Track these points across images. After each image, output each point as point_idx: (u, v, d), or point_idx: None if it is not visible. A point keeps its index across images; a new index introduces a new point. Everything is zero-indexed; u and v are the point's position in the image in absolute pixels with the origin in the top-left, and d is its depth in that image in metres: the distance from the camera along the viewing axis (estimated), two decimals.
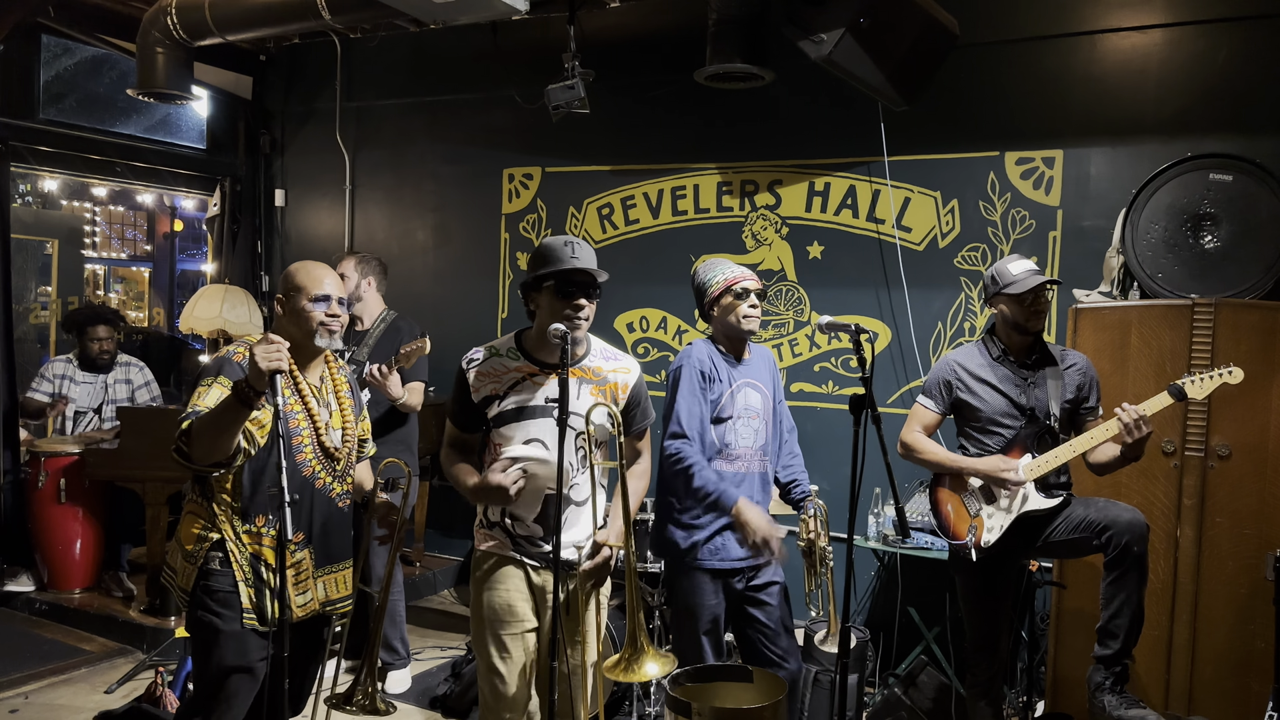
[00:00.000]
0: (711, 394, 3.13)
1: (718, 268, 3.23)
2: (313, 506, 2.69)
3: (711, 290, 3.19)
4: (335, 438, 2.74)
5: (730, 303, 3.15)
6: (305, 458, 2.66)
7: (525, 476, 2.59)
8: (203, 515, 2.65)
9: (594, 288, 2.62)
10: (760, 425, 3.21)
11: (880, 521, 4.33)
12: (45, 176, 7.69)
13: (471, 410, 2.70)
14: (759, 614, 3.19)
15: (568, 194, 5.57)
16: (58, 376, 5.47)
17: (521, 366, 2.70)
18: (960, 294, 4.64)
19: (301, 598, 2.69)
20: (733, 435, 3.15)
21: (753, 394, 3.20)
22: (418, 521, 5.69)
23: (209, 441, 2.43)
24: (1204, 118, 4.16)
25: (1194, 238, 3.81)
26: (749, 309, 3.15)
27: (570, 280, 2.57)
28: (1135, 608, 2.99)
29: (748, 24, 4.28)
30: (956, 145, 4.61)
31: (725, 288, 3.15)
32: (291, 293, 2.70)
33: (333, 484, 2.74)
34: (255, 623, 2.60)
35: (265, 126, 6.53)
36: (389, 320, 4.40)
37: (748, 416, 3.18)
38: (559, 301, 2.58)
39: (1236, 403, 3.55)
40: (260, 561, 2.62)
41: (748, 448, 3.18)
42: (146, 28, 5.03)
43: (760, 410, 3.22)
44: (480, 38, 5.48)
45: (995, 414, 3.21)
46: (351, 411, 2.84)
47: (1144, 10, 4.27)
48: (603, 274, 2.63)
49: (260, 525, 2.63)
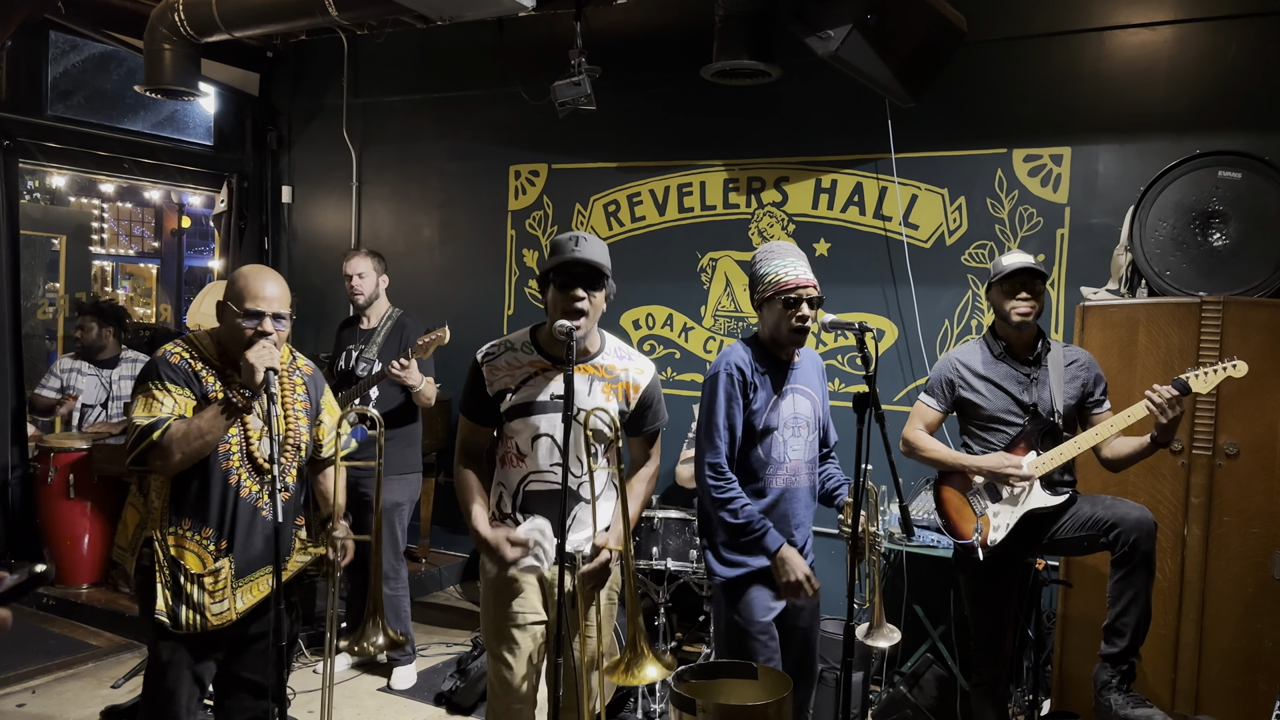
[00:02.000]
0: (754, 403, 2.90)
1: (775, 261, 2.90)
2: (235, 516, 2.66)
3: (763, 288, 2.92)
4: (265, 447, 2.66)
5: (781, 310, 2.88)
6: (231, 465, 2.64)
7: (528, 554, 2.63)
8: (140, 510, 2.69)
9: (596, 280, 2.59)
10: (811, 436, 3.00)
11: (886, 519, 4.32)
12: (53, 173, 7.71)
13: (486, 403, 2.69)
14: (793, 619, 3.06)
15: (574, 190, 5.56)
16: (65, 370, 5.49)
17: (535, 361, 2.69)
18: (967, 291, 4.62)
19: (218, 606, 2.65)
20: (780, 449, 2.92)
21: (802, 401, 2.98)
22: (423, 518, 5.70)
23: (193, 455, 2.47)
24: (1213, 115, 4.14)
25: (1202, 235, 3.79)
26: (797, 320, 2.86)
27: (568, 272, 2.57)
28: (1143, 606, 2.98)
29: (755, 20, 4.27)
30: (964, 142, 4.60)
31: (776, 290, 2.87)
32: (230, 299, 2.64)
33: (259, 493, 2.69)
34: (167, 623, 2.61)
35: (272, 123, 6.54)
36: (395, 318, 4.41)
37: (796, 426, 2.96)
38: (559, 294, 2.59)
39: (1244, 401, 3.53)
40: (179, 566, 2.61)
41: (798, 460, 2.96)
42: (154, 24, 5.04)
43: (809, 419, 3.00)
44: (487, 34, 5.48)
45: (997, 411, 3.20)
46: (302, 415, 2.79)
47: (1153, 7, 4.25)
48: (604, 264, 2.59)
49: (185, 529, 2.62)
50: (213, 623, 2.64)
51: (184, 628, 2.61)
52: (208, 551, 2.63)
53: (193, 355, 2.64)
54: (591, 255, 2.58)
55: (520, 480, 2.71)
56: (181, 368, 2.59)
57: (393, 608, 4.32)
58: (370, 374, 4.23)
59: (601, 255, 2.62)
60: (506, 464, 2.74)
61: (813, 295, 2.87)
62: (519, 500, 2.72)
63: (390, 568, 4.28)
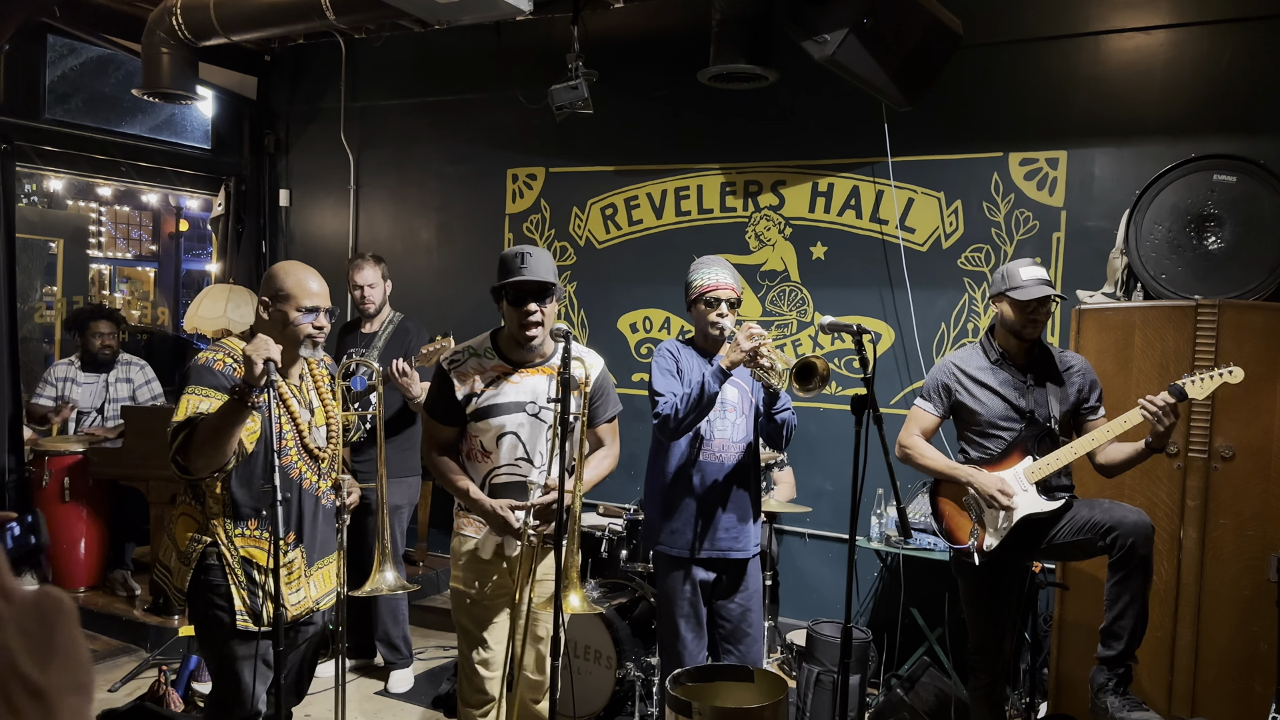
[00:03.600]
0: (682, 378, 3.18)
1: (701, 270, 3.26)
2: (301, 506, 2.74)
3: (689, 294, 3.27)
4: (319, 436, 2.79)
5: (702, 309, 3.22)
6: (291, 460, 2.71)
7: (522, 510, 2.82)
8: (196, 517, 2.69)
9: (545, 293, 2.80)
10: (738, 419, 3.24)
11: (883, 522, 4.33)
12: (50, 176, 7.71)
13: (453, 406, 2.88)
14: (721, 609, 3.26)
15: (571, 194, 5.57)
16: (60, 379, 5.48)
17: (497, 365, 2.91)
18: (964, 295, 4.63)
19: (295, 596, 2.73)
20: (706, 428, 3.19)
21: (729, 389, 3.20)
22: (420, 521, 5.70)
23: (210, 452, 2.48)
24: (1208, 119, 4.16)
25: (1198, 239, 3.81)
26: (716, 317, 3.19)
27: (519, 289, 2.79)
28: (1139, 609, 2.98)
29: (752, 24, 4.28)
30: (960, 146, 4.61)
31: (699, 294, 3.22)
32: (279, 298, 2.68)
33: (318, 482, 2.80)
34: (250, 624, 2.63)
35: (270, 126, 6.55)
36: (396, 322, 4.41)
37: (723, 410, 3.20)
38: (513, 309, 2.82)
39: (1240, 404, 3.54)
40: (252, 564, 2.67)
41: (725, 439, 3.22)
42: (152, 28, 5.04)
43: (737, 404, 3.25)
44: (484, 38, 5.48)
45: (994, 417, 3.20)
46: (335, 405, 2.89)
47: (1148, 11, 4.27)
48: (550, 279, 2.80)
49: (253, 528, 2.67)
50: (292, 613, 2.70)
51: (266, 623, 2.64)
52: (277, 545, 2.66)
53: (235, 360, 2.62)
54: (537, 274, 2.79)
55: (486, 474, 2.91)
56: (226, 373, 2.59)
57: (390, 611, 4.32)
58: (371, 378, 4.22)
59: (547, 271, 2.82)
60: (472, 459, 2.95)
61: (730, 297, 3.18)
62: (486, 491, 2.91)
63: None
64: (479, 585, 2.95)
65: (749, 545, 3.25)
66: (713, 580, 3.24)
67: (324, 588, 2.88)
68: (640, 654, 3.95)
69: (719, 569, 3.23)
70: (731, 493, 3.22)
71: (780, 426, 3.18)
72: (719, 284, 3.19)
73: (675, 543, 3.21)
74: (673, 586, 3.23)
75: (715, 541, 3.19)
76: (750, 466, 3.28)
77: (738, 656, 3.23)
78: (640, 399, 5.36)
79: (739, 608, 3.25)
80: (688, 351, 3.26)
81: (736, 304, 3.24)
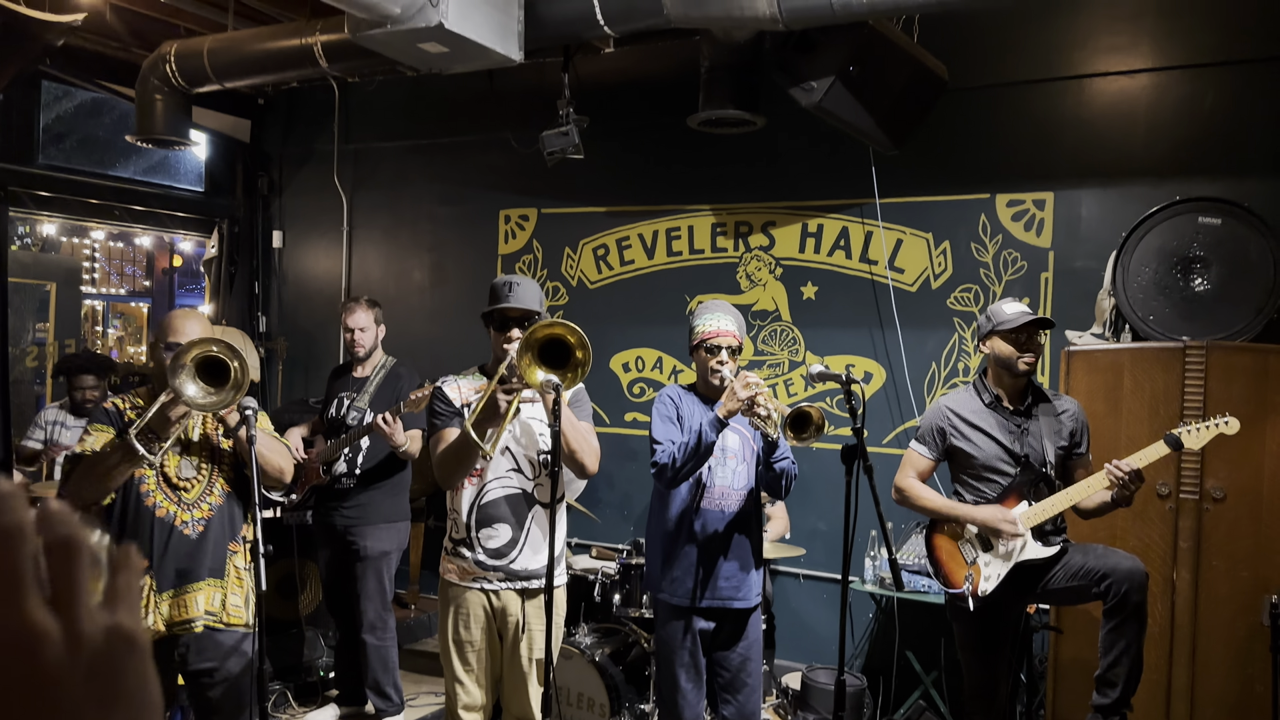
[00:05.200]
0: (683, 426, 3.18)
1: (703, 316, 3.25)
2: (152, 535, 2.87)
3: (691, 339, 3.29)
4: (187, 466, 2.92)
5: (703, 356, 3.22)
6: (148, 488, 2.87)
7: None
8: None
9: (528, 319, 2.95)
10: (739, 466, 3.22)
11: (877, 564, 4.32)
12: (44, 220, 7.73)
13: (455, 411, 3.05)
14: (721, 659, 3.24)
15: (563, 235, 5.60)
16: (50, 423, 5.46)
17: (484, 385, 3.03)
18: (954, 334, 4.65)
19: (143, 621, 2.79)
20: (707, 475, 3.18)
21: (731, 436, 3.19)
22: (412, 564, 5.67)
23: (90, 486, 2.74)
24: (1192, 161, 4.20)
25: (1184, 280, 3.84)
26: (716, 364, 3.19)
27: (504, 315, 2.99)
28: (1134, 656, 2.98)
29: (739, 71, 4.32)
30: (947, 187, 4.65)
31: (700, 340, 3.22)
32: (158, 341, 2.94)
33: (177, 512, 2.90)
34: None
35: (263, 168, 6.58)
36: (389, 367, 4.40)
37: (724, 457, 3.20)
38: (497, 334, 3.01)
39: (1230, 445, 3.53)
40: None
41: (727, 486, 3.20)
42: (145, 75, 5.08)
43: (738, 451, 3.23)
44: (477, 82, 5.53)
45: (989, 461, 3.21)
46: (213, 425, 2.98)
47: (1131, 55, 4.32)
48: (534, 308, 2.97)
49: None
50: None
51: None
52: None
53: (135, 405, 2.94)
54: (523, 301, 2.98)
55: (473, 499, 3.02)
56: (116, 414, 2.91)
57: (380, 659, 4.28)
58: (360, 424, 4.22)
59: (532, 299, 3.00)
60: (457, 489, 3.05)
61: (731, 344, 3.18)
62: (473, 517, 3.02)
63: (378, 618, 4.25)
64: (465, 631, 3.00)
65: (750, 595, 3.21)
66: (713, 630, 3.21)
67: (181, 614, 2.89)
68: (634, 701, 3.92)
69: (720, 618, 3.20)
70: (733, 541, 3.19)
71: (780, 475, 3.14)
72: (720, 331, 3.19)
73: (676, 591, 3.18)
74: (672, 636, 3.20)
75: (716, 591, 3.16)
76: (752, 514, 3.26)
77: (736, 706, 3.20)
78: (633, 439, 5.37)
79: (739, 657, 3.22)
80: (689, 398, 3.26)
81: (738, 350, 3.22)
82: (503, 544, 3.02)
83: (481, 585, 3.03)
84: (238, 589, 2.98)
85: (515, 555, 3.01)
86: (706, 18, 3.80)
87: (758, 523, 3.30)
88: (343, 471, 4.25)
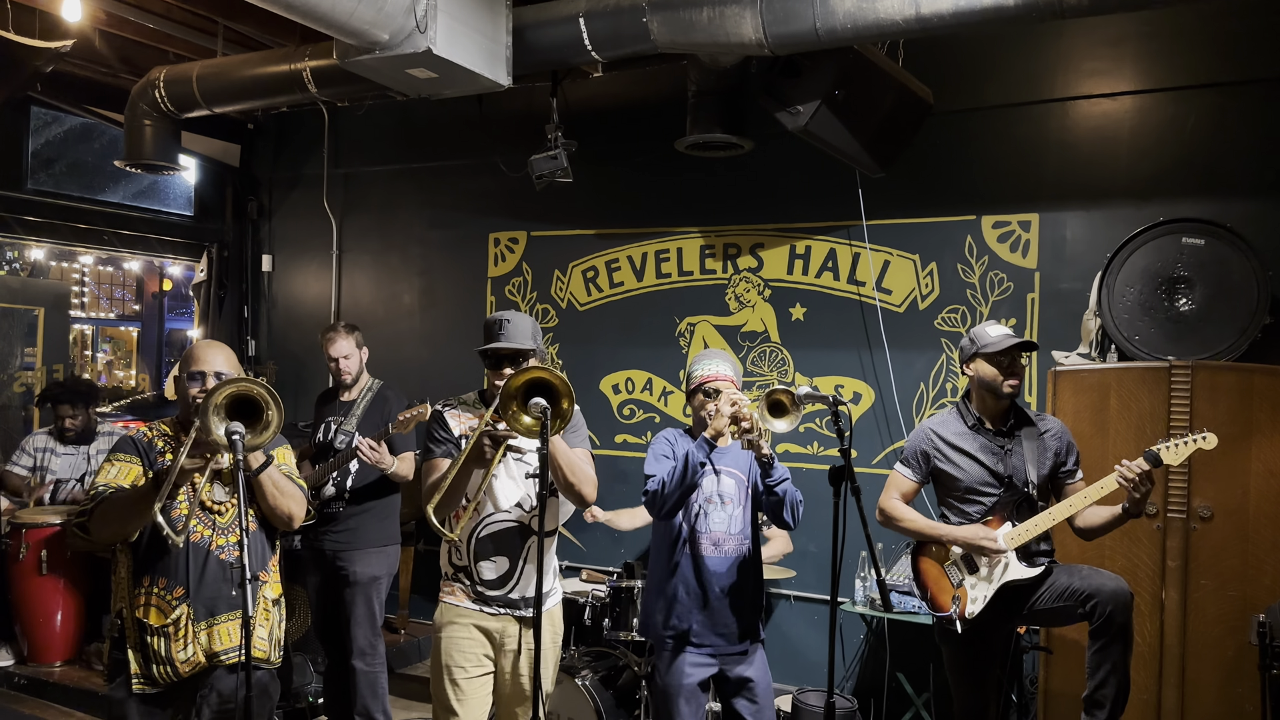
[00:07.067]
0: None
1: (701, 362, 3.29)
2: (189, 561, 2.75)
3: (689, 383, 3.31)
4: (219, 491, 2.81)
5: (700, 399, 3.23)
6: (181, 513, 2.72)
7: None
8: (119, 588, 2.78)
9: (519, 359, 2.97)
10: (735, 510, 3.23)
11: (867, 585, 4.32)
12: (33, 245, 7.73)
13: (451, 440, 3.04)
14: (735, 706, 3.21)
15: (553, 257, 5.62)
16: (38, 450, 5.44)
17: (482, 413, 3.00)
18: (941, 355, 4.67)
19: (183, 653, 2.72)
20: (702, 520, 3.19)
21: (726, 480, 3.23)
22: (402, 587, 5.64)
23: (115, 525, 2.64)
24: (1176, 182, 4.24)
25: (1169, 301, 3.87)
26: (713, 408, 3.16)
27: (496, 354, 3.00)
28: (1121, 677, 2.97)
29: (726, 95, 4.36)
30: (934, 209, 4.69)
31: (698, 385, 3.23)
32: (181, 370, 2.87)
33: (212, 537, 2.78)
34: (145, 687, 2.70)
35: (253, 193, 6.60)
36: (375, 390, 4.39)
37: (720, 501, 3.21)
38: (490, 372, 3.01)
39: (1216, 464, 3.56)
40: (145, 625, 2.71)
41: (722, 532, 3.21)
42: (135, 100, 5.09)
43: (734, 496, 3.24)
44: (466, 106, 5.55)
45: (974, 483, 3.21)
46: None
47: (1114, 78, 4.37)
48: (524, 346, 2.96)
49: (146, 585, 2.72)
50: (183, 670, 2.71)
51: (160, 683, 2.69)
52: (166, 602, 2.71)
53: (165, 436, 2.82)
54: (513, 340, 2.97)
55: (472, 530, 2.99)
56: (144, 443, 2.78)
57: (369, 685, 4.25)
58: (348, 447, 4.21)
59: (522, 337, 2.99)
60: (455, 517, 2.98)
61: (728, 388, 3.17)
62: (472, 546, 3.00)
63: (367, 643, 4.22)
64: (459, 655, 2.97)
65: (749, 639, 3.20)
66: (714, 674, 3.19)
67: (220, 645, 2.76)
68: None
69: (720, 663, 3.18)
70: (731, 586, 3.18)
71: (782, 499, 3.10)
72: (717, 375, 3.23)
73: (675, 636, 3.17)
74: (673, 683, 3.16)
75: (715, 635, 3.15)
76: (751, 559, 3.26)
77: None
78: (622, 460, 5.36)
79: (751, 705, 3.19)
80: (684, 440, 3.27)
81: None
82: (500, 575, 3.00)
83: (481, 608, 3.00)
84: (264, 622, 2.85)
85: (513, 586, 2.99)
86: (693, 43, 3.83)
87: (757, 568, 3.29)
88: (331, 495, 4.24)
